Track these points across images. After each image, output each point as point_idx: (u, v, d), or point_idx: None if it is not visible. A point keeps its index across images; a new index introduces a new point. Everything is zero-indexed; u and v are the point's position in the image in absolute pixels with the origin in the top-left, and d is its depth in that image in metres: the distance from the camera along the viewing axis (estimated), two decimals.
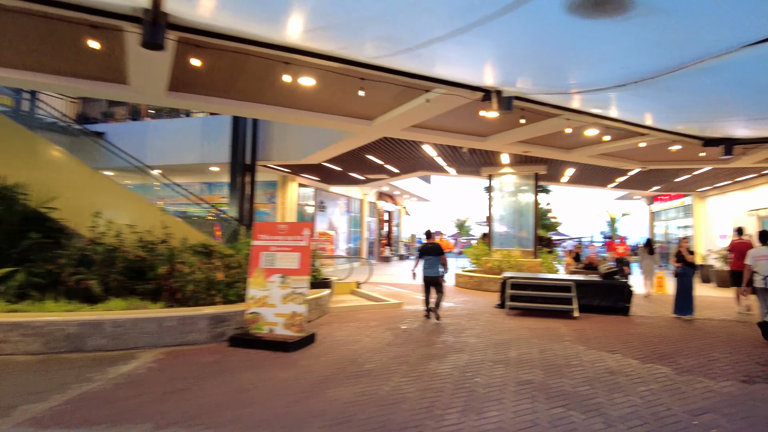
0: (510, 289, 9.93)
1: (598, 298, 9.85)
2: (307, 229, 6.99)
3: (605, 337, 7.39)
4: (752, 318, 9.38)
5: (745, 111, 6.60)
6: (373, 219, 26.72)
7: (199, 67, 6.74)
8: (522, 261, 14.01)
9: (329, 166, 15.04)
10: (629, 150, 11.71)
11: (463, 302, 11.12)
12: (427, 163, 14.55)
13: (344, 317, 8.84)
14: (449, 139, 10.36)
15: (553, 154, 12.05)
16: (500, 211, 15.49)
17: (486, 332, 7.65)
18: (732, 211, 17.63)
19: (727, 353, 6.47)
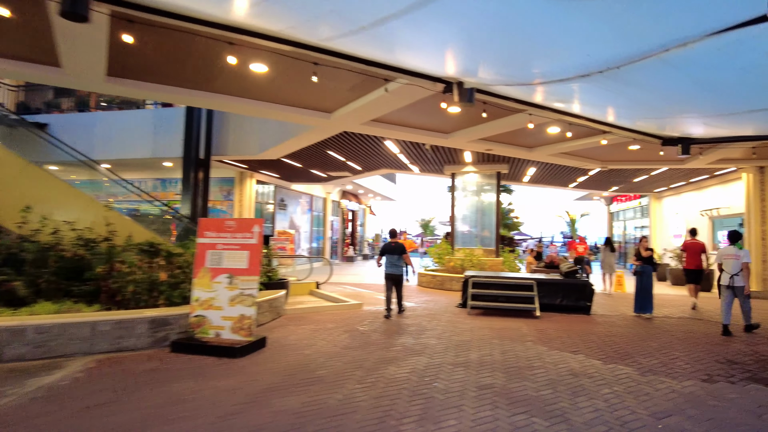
0: (472, 289, 9.74)
1: (560, 297, 9.78)
2: (257, 225, 6.53)
3: (567, 337, 7.25)
4: (707, 315, 9.51)
5: (701, 108, 6.57)
6: (337, 218, 26.25)
7: (139, 49, 6.17)
8: (484, 260, 13.91)
9: (289, 162, 14.52)
10: (590, 149, 11.75)
11: (425, 302, 10.86)
12: (390, 160, 14.26)
13: (300, 319, 8.40)
14: (411, 135, 10.07)
15: (515, 153, 11.95)
16: (463, 210, 15.37)
17: (447, 333, 7.39)
18: (685, 211, 18.14)
19: (686, 351, 6.42)
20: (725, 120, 6.84)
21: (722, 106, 6.13)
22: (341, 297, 10.53)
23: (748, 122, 6.98)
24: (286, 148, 11.96)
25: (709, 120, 6.96)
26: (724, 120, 6.86)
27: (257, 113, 9.14)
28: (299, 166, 15.19)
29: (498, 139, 10.82)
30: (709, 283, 14.44)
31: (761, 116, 6.39)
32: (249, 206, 16.65)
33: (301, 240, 21.09)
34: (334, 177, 17.89)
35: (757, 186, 13.25)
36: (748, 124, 7.24)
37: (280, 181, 18.77)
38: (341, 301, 10.17)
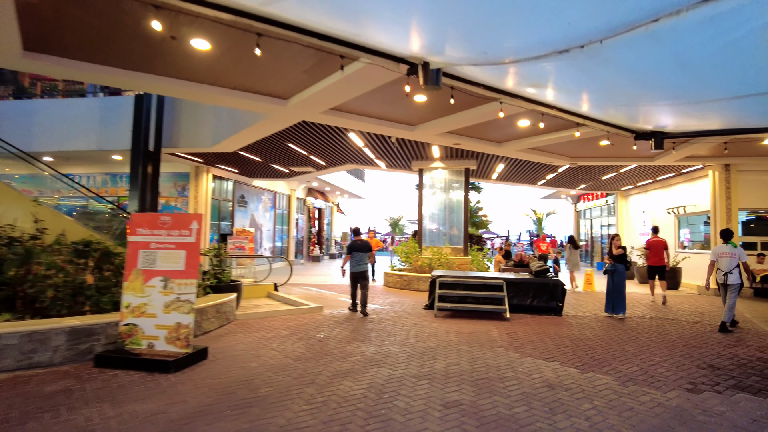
0: (439, 290, 9.20)
1: (530, 298, 9.35)
2: (196, 222, 5.76)
3: (540, 342, 6.77)
4: (678, 315, 9.26)
5: (676, 95, 6.16)
6: (302, 216, 25.39)
7: (57, 19, 5.33)
8: (452, 259, 13.43)
9: (247, 156, 13.66)
10: (560, 145, 11.41)
11: (391, 303, 10.26)
12: (355, 155, 13.59)
13: (252, 326, 7.66)
14: (376, 127, 9.44)
15: (484, 148, 11.49)
16: (431, 207, 14.86)
17: (411, 339, 6.80)
18: (652, 209, 18.18)
19: (665, 356, 6.02)
20: (695, 109, 6.45)
21: (697, 92, 5.73)
22: (301, 300, 9.81)
23: (717, 112, 6.64)
24: (241, 139, 11.13)
25: (681, 108, 6.56)
26: (693, 108, 6.47)
27: (205, 99, 8.34)
28: (258, 160, 14.33)
29: (466, 132, 10.32)
30: (676, 282, 14.41)
31: (730, 106, 6.05)
32: (205, 203, 15.69)
33: (263, 239, 20.18)
34: (297, 173, 17.08)
35: (723, 183, 13.24)
36: (715, 115, 6.92)
37: (239, 177, 17.83)
38: (300, 304, 9.46)
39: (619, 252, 9.08)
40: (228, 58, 6.43)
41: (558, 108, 7.31)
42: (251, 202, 19.21)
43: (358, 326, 7.69)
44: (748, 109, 6.42)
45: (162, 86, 7.37)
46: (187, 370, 5.20)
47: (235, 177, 17.64)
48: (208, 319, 7.12)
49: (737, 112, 6.59)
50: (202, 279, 8.55)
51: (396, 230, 54.39)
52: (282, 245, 22.49)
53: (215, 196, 16.78)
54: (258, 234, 19.59)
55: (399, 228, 54.76)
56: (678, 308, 10.27)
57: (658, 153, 12.29)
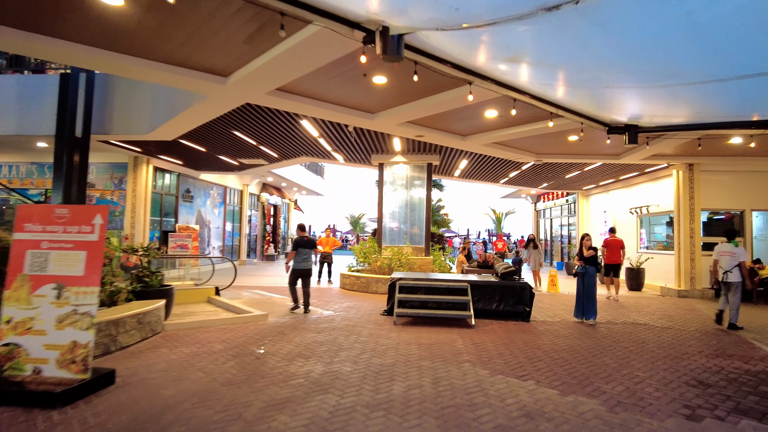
0: (399, 294, 8.36)
1: (496, 302, 8.66)
2: (100, 215, 4.66)
3: (510, 354, 6.03)
4: (649, 318, 8.79)
5: (657, 71, 5.53)
6: (256, 213, 24.05)
7: None
8: (413, 259, 12.65)
9: (190, 145, 12.39)
10: (527, 139, 10.82)
11: (346, 309, 9.34)
12: (310, 146, 12.57)
13: (182, 338, 6.57)
14: (331, 114, 8.49)
15: (448, 141, 10.75)
16: (392, 204, 14.03)
17: (366, 353, 5.91)
18: (613, 209, 18.04)
19: (649, 371, 5.40)
20: (665, 92, 5.82)
21: (702, 65, 5.10)
22: (243, 306, 8.74)
23: (687, 98, 6.08)
24: (180, 125, 9.93)
25: (643, 92, 5.93)
26: (664, 92, 5.84)
27: (130, 73, 7.16)
28: (203, 150, 13.08)
29: (430, 123, 9.54)
30: (639, 282, 14.18)
31: (705, 90, 5.48)
32: (144, 196, 14.26)
33: (212, 237, 18.80)
34: (247, 165, 15.85)
35: (686, 183, 13.05)
36: (683, 103, 6.39)
37: (184, 169, 16.42)
38: (242, 311, 8.39)
39: (590, 253, 8.51)
40: (150, 20, 5.34)
41: (531, 95, 6.61)
42: (198, 197, 17.81)
43: (307, 338, 6.73)
44: (725, 97, 5.90)
45: (71, 54, 6.15)
46: (81, 402, 4.11)
47: (180, 169, 16.23)
48: (126, 332, 5.99)
49: (715, 99, 6.05)
50: (129, 283, 7.37)
51: (357, 229, 53.44)
52: (233, 244, 21.13)
53: (157, 189, 15.35)
54: (205, 231, 18.21)
55: (360, 226, 53.83)
56: (646, 311, 9.85)
57: (625, 150, 11.93)
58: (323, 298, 10.84)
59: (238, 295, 11.10)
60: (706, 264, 12.89)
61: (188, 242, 14.27)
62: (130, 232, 14.04)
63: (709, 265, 12.86)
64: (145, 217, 14.27)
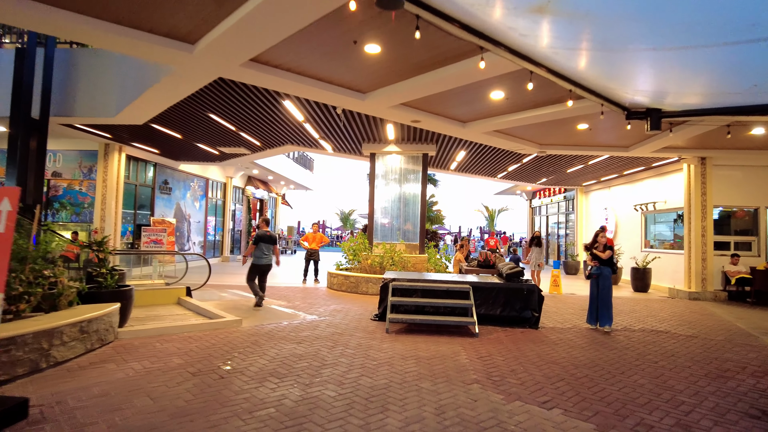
0: (392, 296, 7.41)
1: (501, 306, 7.74)
2: (8, 200, 3.63)
3: (524, 371, 5.11)
4: (667, 325, 7.93)
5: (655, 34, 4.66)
6: (241, 207, 22.96)
7: None
8: (407, 257, 11.70)
9: (163, 131, 11.31)
10: (532, 128, 9.91)
11: (333, 312, 8.37)
12: (295, 133, 11.54)
13: (137, 350, 5.56)
14: (316, 92, 7.49)
15: (446, 128, 9.80)
16: (384, 198, 13.04)
17: (354, 370, 4.95)
18: (615, 206, 17.24)
19: (692, 394, 4.50)
20: (684, 58, 4.89)
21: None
22: (216, 310, 7.73)
23: (706, 68, 5.17)
24: (149, 106, 8.86)
25: (655, 55, 5.00)
26: (682, 58, 4.90)
27: (80, 36, 6.11)
28: (179, 137, 11.99)
29: (427, 107, 8.59)
30: (645, 283, 13.36)
31: (726, 57, 4.58)
32: (116, 187, 13.15)
33: (192, 231, 17.70)
34: (228, 155, 14.76)
35: (698, 178, 12.24)
36: (701, 76, 5.49)
37: (162, 159, 15.30)
38: (214, 315, 7.39)
39: (607, 254, 7.61)
40: None
41: (548, 68, 5.69)
42: (177, 189, 16.69)
43: (284, 350, 5.75)
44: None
45: (8, 9, 5.10)
46: None
47: (157, 159, 15.11)
48: (64, 344, 4.96)
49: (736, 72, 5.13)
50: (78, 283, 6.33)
51: (347, 225, 52.38)
52: (216, 239, 20.03)
53: (131, 180, 14.23)
54: (185, 226, 17.11)
55: (350, 223, 52.76)
56: (660, 316, 9.01)
57: (635, 142, 11.07)
58: (308, 300, 9.86)
59: (214, 295, 10.09)
60: (718, 264, 12.12)
61: (163, 237, 13.20)
62: (99, 225, 12.93)
63: (721, 265, 12.19)
64: (116, 210, 13.16)
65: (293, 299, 9.88)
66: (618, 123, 9.46)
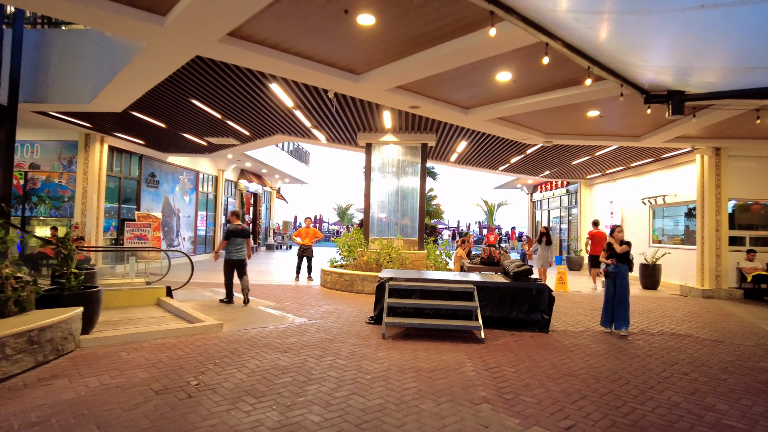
0: (389, 298, 6.76)
1: (508, 308, 7.09)
2: None
3: (540, 386, 4.46)
4: (687, 327, 7.29)
5: None
6: (234, 201, 22.25)
7: None
8: (405, 253, 11.04)
9: (146, 120, 10.59)
10: (538, 116, 9.24)
11: (324, 314, 7.71)
12: (285, 121, 10.83)
13: (98, 361, 4.89)
14: (305, 73, 6.80)
15: (447, 115, 9.12)
16: (380, 191, 12.36)
17: (345, 387, 4.30)
18: (621, 199, 16.60)
19: (741, 416, 3.85)
20: (703, 21, 4.19)
21: None
22: (195, 312, 7.05)
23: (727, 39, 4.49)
24: (125, 91, 8.16)
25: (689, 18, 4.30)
26: (703, 20, 4.19)
27: (36, 6, 5.40)
28: (163, 126, 11.27)
29: (427, 90, 7.90)
30: (655, 280, 12.74)
31: None
32: (98, 180, 12.44)
33: (181, 226, 17.00)
34: (217, 146, 14.04)
35: (712, 170, 11.59)
36: (721, 48, 4.83)
37: (148, 151, 14.58)
38: (194, 319, 6.72)
39: (623, 249, 6.96)
40: None
41: (564, 42, 5.03)
42: (165, 183, 15.98)
43: (266, 360, 5.10)
44: None
45: None
46: None
47: (143, 150, 14.38)
48: (7, 358, 4.28)
49: None
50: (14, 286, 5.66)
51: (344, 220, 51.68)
52: (207, 234, 19.34)
53: (114, 172, 13.52)
54: (174, 221, 16.41)
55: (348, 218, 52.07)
56: (677, 316, 8.38)
57: (647, 131, 10.40)
58: (299, 299, 9.20)
59: (198, 294, 9.42)
60: (733, 260, 11.50)
61: (147, 233, 12.51)
62: (80, 220, 12.24)
63: (736, 261, 11.58)
64: (98, 204, 12.46)
65: (283, 299, 9.23)
66: (631, 110, 8.81)
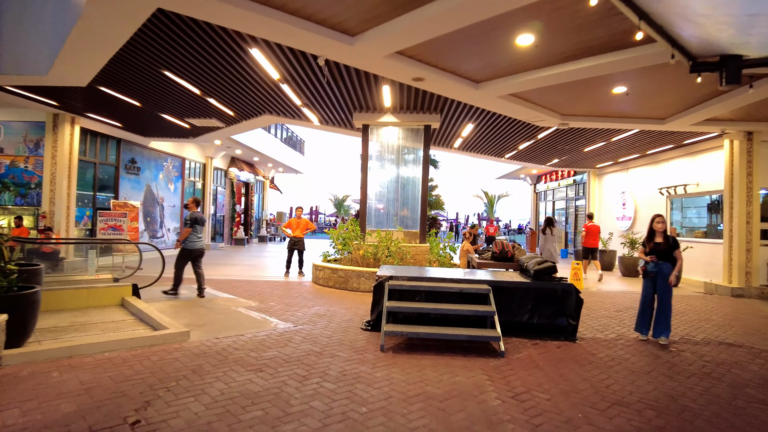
0: (389, 300, 5.71)
1: (528, 312, 6.06)
2: None
3: (586, 419, 3.42)
4: (734, 335, 6.27)
5: None
6: (224, 190, 21.13)
7: None
8: (406, 247, 9.99)
9: (119, 97, 9.45)
10: (557, 92, 8.18)
11: (313, 318, 6.67)
12: (273, 98, 9.71)
13: (18, 385, 3.83)
14: (288, 32, 5.69)
15: (455, 90, 8.03)
16: (378, 178, 11.27)
17: (331, 428, 3.26)
18: (633, 189, 15.57)
19: None
20: None
21: None
22: (161, 316, 5.99)
23: None
24: (81, 59, 7.02)
25: None
26: None
27: None
28: (138, 105, 10.14)
29: (433, 58, 6.81)
30: None
31: None
32: (68, 165, 11.32)
33: (165, 216, 15.90)
34: (201, 130, 12.89)
35: (743, 156, 10.55)
36: None
37: (127, 134, 13.44)
38: (158, 325, 5.66)
39: (663, 244, 5.90)
40: None
41: None
42: (147, 169, 14.85)
43: (235, 384, 4.04)
44: None
45: None
46: None
47: (121, 134, 13.24)
48: None
49: None
50: None
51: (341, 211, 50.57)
52: None
53: (89, 157, 12.39)
54: (157, 210, 15.31)
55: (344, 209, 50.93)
56: (714, 319, 7.38)
57: (673, 113, 9.34)
58: (286, 298, 8.15)
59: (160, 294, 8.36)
60: (765, 256, 10.50)
61: (123, 223, 11.41)
62: (49, 209, 11.13)
63: None
64: (69, 191, 11.35)
65: (268, 298, 8.18)
66: (662, 85, 7.76)
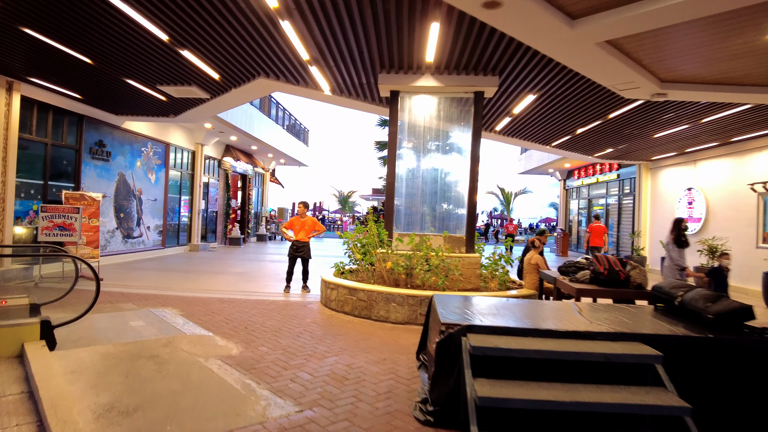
0: (476, 378, 3.05)
1: (709, 389, 3.40)
2: None
3: None
4: None
5: None
6: (217, 183, 18.52)
7: None
8: (452, 259, 7.28)
9: (57, 47, 6.79)
10: (680, 34, 5.49)
11: (331, 385, 4.02)
12: (270, 47, 7.04)
13: None
14: None
15: (539, 31, 5.36)
16: (409, 166, 8.54)
17: None
18: (704, 186, 12.86)
19: None
20: None
21: None
22: (53, 400, 3.35)
23: None
24: None
25: None
26: None
27: None
28: (90, 63, 7.48)
29: None
30: None
31: None
32: (4, 144, 8.70)
33: (145, 212, 13.26)
34: (181, 104, 10.16)
35: None
36: None
37: (91, 110, 10.80)
38: (48, 415, 3.03)
39: None
40: None
41: None
42: (120, 155, 12.21)
43: None
44: None
45: None
46: None
47: (84, 109, 10.60)
48: None
49: None
50: None
51: (345, 208, 47.95)
52: (181, 222, 15.60)
53: (36, 136, 9.76)
54: (133, 204, 12.68)
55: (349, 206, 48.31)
56: None
57: None
58: (285, 337, 5.49)
59: (119, 322, 5.72)
60: None
61: (75, 220, 8.77)
62: None
63: None
64: (4, 178, 8.74)
65: (259, 336, 5.53)
66: None
